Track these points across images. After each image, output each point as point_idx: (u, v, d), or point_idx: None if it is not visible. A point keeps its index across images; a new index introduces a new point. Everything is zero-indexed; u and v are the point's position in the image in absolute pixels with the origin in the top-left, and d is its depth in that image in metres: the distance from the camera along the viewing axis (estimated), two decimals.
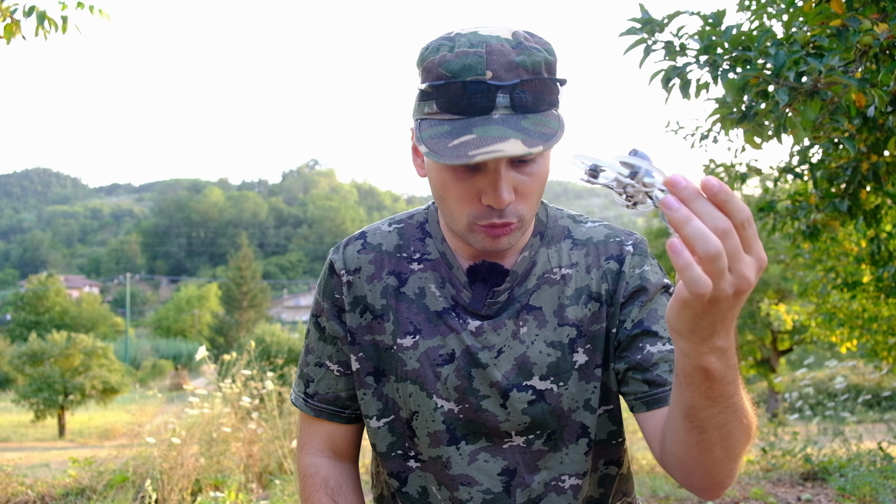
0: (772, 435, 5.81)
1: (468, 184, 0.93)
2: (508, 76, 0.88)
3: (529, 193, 0.95)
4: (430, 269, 1.07)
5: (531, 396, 1.02)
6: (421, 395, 1.05)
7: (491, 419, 1.03)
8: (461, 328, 1.04)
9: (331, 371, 1.12)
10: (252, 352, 5.61)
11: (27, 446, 12.44)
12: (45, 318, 33.71)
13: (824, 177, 3.04)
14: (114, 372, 16.12)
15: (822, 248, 5.71)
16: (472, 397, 1.03)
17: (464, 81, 0.87)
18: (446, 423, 1.04)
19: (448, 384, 1.04)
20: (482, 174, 0.92)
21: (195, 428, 4.98)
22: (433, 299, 1.06)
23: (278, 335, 13.53)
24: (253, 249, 53.66)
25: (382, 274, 1.09)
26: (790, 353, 18.71)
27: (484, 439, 1.04)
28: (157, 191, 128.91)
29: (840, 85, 2.00)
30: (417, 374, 1.05)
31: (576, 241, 1.08)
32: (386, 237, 1.12)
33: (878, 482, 4.17)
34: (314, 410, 1.14)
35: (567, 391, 1.03)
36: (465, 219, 0.96)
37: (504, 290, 1.04)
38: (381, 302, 1.07)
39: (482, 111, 0.87)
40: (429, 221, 1.11)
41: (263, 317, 38.64)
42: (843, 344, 6.88)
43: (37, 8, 3.28)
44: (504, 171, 0.91)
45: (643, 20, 2.23)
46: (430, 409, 1.05)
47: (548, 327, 1.03)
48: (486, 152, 0.83)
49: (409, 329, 1.06)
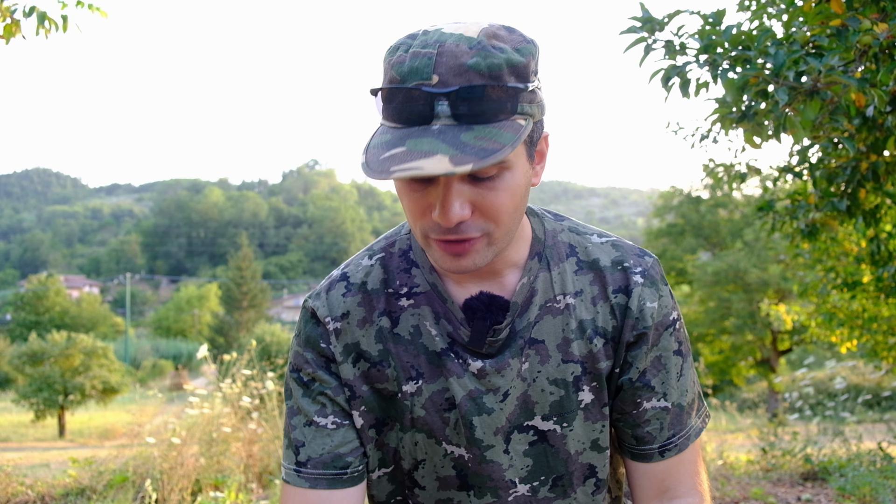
0: (772, 435, 5.81)
1: (419, 195, 0.84)
2: (455, 81, 0.77)
3: (493, 209, 0.83)
4: (422, 304, 0.97)
5: (532, 437, 0.97)
6: (429, 442, 0.98)
7: (496, 470, 0.97)
8: (462, 371, 0.95)
9: (323, 427, 0.97)
10: (252, 351, 5.61)
11: (27, 446, 12.43)
12: (45, 318, 33.71)
13: (824, 176, 3.04)
14: (114, 372, 16.12)
15: (821, 248, 5.70)
16: (476, 448, 0.97)
17: (407, 88, 0.78)
18: (457, 468, 0.99)
19: (457, 429, 0.97)
20: (434, 186, 0.83)
21: (195, 428, 4.98)
22: (430, 339, 0.96)
23: (278, 335, 13.55)
24: (253, 249, 53.65)
25: (373, 316, 0.98)
26: (790, 353, 18.72)
27: (489, 494, 0.99)
28: (157, 191, 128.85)
29: (840, 85, 2.00)
30: (424, 421, 0.97)
31: (581, 262, 0.99)
32: (369, 272, 1.00)
33: (878, 482, 4.17)
34: (309, 481, 0.96)
35: (572, 432, 0.97)
36: (420, 232, 0.87)
37: (505, 326, 0.95)
38: (378, 347, 0.97)
39: (422, 120, 0.78)
40: (412, 249, 1.00)
41: (263, 317, 38.67)
42: (843, 344, 6.88)
43: (37, 8, 3.28)
44: (456, 185, 0.81)
45: (643, 19, 2.23)
46: (439, 455, 0.98)
47: (551, 363, 0.96)
48: (404, 169, 0.74)
49: (411, 374, 0.96)
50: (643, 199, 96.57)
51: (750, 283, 16.82)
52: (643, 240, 22.57)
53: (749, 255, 17.14)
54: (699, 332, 18.31)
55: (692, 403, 1.02)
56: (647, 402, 0.98)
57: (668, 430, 0.99)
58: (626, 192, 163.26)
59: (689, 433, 1.01)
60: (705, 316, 18.13)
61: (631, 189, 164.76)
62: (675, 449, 0.99)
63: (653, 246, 20.63)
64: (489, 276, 0.95)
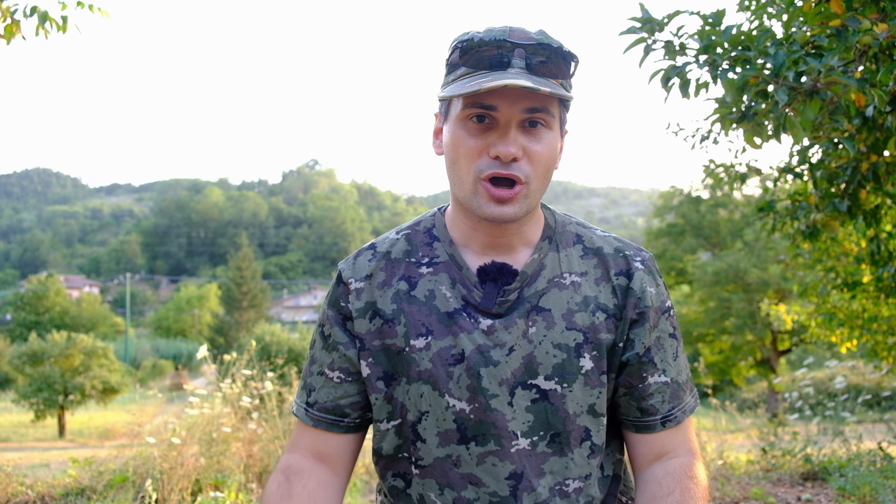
0: (772, 435, 5.80)
1: (479, 139, 1.00)
2: (527, 42, 0.98)
3: (537, 159, 1.01)
4: (440, 272, 1.10)
5: (535, 395, 1.05)
6: (433, 394, 1.06)
7: (500, 419, 1.05)
8: (473, 327, 1.06)
9: (330, 379, 1.13)
10: (252, 351, 5.61)
11: (27, 446, 12.43)
12: (45, 318, 33.70)
13: (824, 177, 3.04)
14: (114, 372, 16.12)
15: (822, 248, 5.70)
16: (482, 396, 1.04)
17: (485, 40, 0.98)
18: (457, 422, 1.06)
19: (460, 383, 1.05)
20: (493, 131, 0.99)
21: (195, 428, 4.98)
22: (444, 300, 1.08)
23: (278, 335, 13.51)
24: (253, 249, 53.62)
25: (393, 280, 1.11)
26: (790, 353, 18.71)
27: (493, 442, 1.05)
28: (157, 191, 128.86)
29: (839, 85, 2.00)
30: (430, 374, 1.06)
31: (586, 248, 1.12)
32: (394, 244, 1.14)
33: (878, 482, 4.17)
34: (314, 420, 1.13)
35: (571, 394, 1.05)
36: (472, 175, 1.01)
37: (514, 290, 1.07)
38: (392, 307, 1.09)
39: (500, 66, 0.98)
40: (436, 227, 1.14)
41: (263, 317, 38.62)
42: (843, 344, 6.87)
43: (38, 8, 3.28)
44: (514, 129, 0.99)
45: (643, 19, 2.23)
46: (441, 408, 1.06)
47: (556, 329, 1.06)
48: (497, 84, 0.93)
49: (421, 331, 1.07)
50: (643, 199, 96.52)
51: (750, 283, 16.83)
52: (643, 240, 22.56)
53: (749, 255, 17.14)
54: (699, 332, 18.31)
55: (687, 382, 1.14)
56: (651, 377, 1.09)
57: (668, 403, 1.11)
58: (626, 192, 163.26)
59: (685, 408, 1.13)
60: (705, 316, 18.12)
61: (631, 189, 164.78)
62: (674, 420, 1.11)
63: (653, 246, 20.63)
64: (505, 251, 1.09)
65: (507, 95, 0.97)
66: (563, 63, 1.00)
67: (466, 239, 1.10)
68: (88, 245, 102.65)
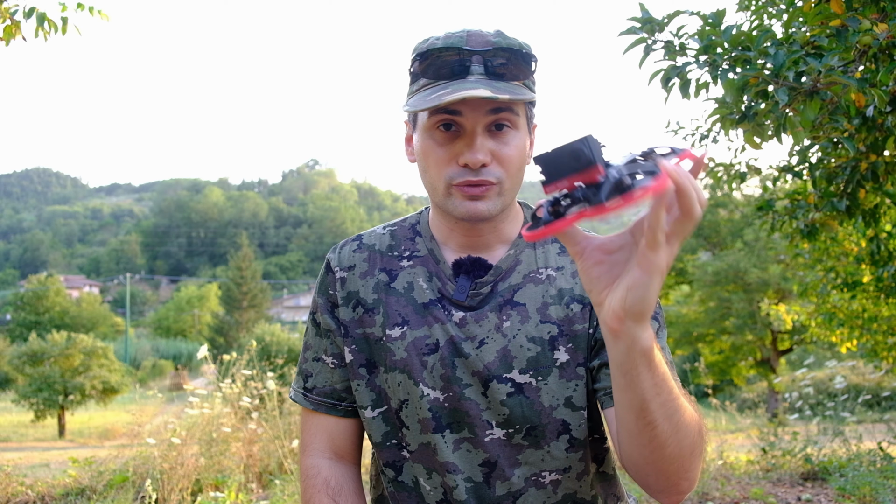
0: (772, 435, 5.80)
1: (447, 148, 1.02)
2: (484, 48, 1.00)
3: (507, 161, 1.02)
4: (418, 265, 1.13)
5: (510, 388, 1.05)
6: (409, 383, 1.08)
7: (473, 408, 1.06)
8: (446, 319, 1.08)
9: (326, 364, 1.17)
10: (252, 351, 5.61)
11: (27, 446, 12.44)
12: (45, 318, 33.70)
13: (823, 176, 3.04)
14: (114, 372, 16.13)
15: (821, 247, 5.70)
16: (456, 385, 1.06)
17: (447, 48, 1.00)
18: (432, 411, 1.07)
19: (434, 372, 1.07)
20: (461, 138, 1.01)
21: (195, 428, 4.98)
22: (420, 292, 1.11)
23: (278, 335, 13.51)
24: (253, 249, 53.59)
25: (375, 271, 1.15)
26: (790, 353, 18.70)
27: (466, 430, 1.07)
28: (157, 191, 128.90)
29: (839, 85, 2.00)
30: (405, 363, 1.08)
31: (563, 246, 1.09)
32: (379, 238, 1.19)
33: (878, 482, 4.17)
34: (313, 404, 1.18)
35: (546, 387, 1.05)
36: (444, 182, 1.03)
37: (487, 283, 1.09)
38: (373, 297, 1.13)
39: (460, 73, 0.99)
40: (420, 223, 1.18)
41: (263, 317, 38.60)
42: (843, 344, 6.88)
43: (37, 9, 3.28)
44: (480, 135, 1.00)
45: (643, 20, 2.23)
46: (417, 397, 1.08)
47: (530, 323, 1.07)
48: (456, 97, 0.93)
49: (397, 321, 1.10)
50: None
51: (750, 283, 16.81)
52: None
53: (749, 255, 17.12)
54: (699, 332, 18.30)
55: (671, 363, 1.08)
56: None
57: None
58: None
59: None
60: (705, 316, 18.11)
61: None
62: None
63: None
64: (482, 248, 1.11)
65: (470, 101, 0.98)
66: (522, 63, 1.01)
67: (445, 237, 1.13)
68: (88, 245, 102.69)
